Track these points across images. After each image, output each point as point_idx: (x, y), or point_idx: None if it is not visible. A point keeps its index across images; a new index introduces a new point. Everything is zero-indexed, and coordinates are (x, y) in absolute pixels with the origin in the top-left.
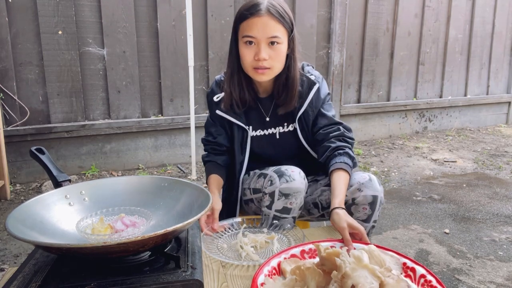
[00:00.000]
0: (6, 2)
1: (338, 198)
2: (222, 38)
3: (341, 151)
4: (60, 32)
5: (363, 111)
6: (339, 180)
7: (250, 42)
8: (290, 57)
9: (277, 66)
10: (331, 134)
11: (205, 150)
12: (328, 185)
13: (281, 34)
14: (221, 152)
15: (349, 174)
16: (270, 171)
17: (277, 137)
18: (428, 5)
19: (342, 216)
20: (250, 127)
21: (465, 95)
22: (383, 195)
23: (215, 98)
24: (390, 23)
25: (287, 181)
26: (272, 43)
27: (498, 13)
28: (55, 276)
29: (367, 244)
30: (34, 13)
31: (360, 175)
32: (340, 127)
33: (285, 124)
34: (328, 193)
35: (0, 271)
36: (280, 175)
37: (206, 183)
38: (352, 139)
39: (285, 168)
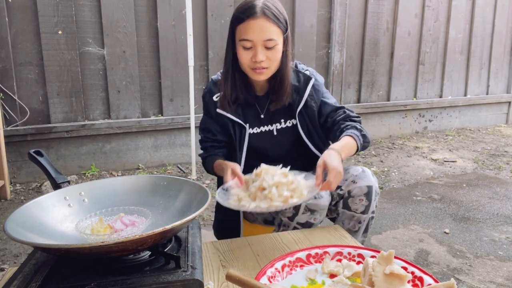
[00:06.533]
0: (6, 2)
1: (337, 143)
2: (222, 38)
3: (348, 126)
4: (60, 32)
5: (363, 111)
6: (343, 139)
7: (247, 46)
8: (283, 55)
9: (274, 65)
10: (337, 119)
11: (203, 148)
12: None
13: (277, 35)
14: (220, 146)
15: (356, 141)
16: None
17: (274, 133)
18: (428, 5)
19: (325, 154)
20: (247, 124)
21: (465, 95)
22: (377, 185)
23: (215, 98)
24: (390, 23)
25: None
26: (268, 45)
27: (498, 13)
28: (55, 276)
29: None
30: (34, 13)
31: (353, 168)
32: (345, 110)
33: (282, 120)
34: None
35: (0, 271)
36: None
37: (212, 171)
38: (358, 117)
39: None
